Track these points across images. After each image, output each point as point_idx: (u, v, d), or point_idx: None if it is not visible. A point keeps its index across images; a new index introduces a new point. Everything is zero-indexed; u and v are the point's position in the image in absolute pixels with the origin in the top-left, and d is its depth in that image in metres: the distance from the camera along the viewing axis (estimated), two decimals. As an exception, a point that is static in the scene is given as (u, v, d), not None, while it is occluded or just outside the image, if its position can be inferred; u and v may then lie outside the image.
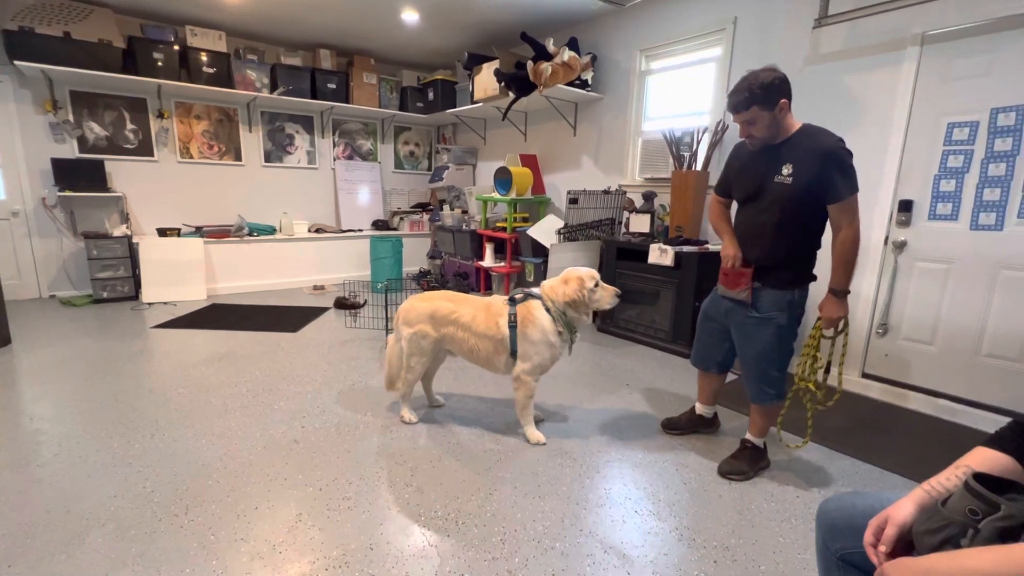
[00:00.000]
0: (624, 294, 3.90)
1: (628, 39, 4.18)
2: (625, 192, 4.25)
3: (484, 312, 2.21)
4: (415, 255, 6.22)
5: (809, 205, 1.80)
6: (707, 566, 1.54)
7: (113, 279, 4.54)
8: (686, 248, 3.32)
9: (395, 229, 6.26)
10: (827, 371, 1.98)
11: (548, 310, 2.15)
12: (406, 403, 2.43)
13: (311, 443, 2.19)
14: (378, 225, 6.16)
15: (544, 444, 2.24)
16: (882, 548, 0.84)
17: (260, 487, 1.86)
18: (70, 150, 4.53)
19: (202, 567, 1.47)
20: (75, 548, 1.53)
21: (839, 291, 1.82)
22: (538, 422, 2.43)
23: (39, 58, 3.99)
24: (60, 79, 4.35)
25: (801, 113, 3.11)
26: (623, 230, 4.12)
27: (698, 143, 3.55)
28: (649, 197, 3.86)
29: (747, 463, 2.04)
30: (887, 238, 2.85)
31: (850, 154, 1.72)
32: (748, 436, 2.09)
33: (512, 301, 2.20)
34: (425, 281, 5.31)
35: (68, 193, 4.36)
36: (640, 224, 3.85)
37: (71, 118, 4.49)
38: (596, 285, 2.20)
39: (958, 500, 0.78)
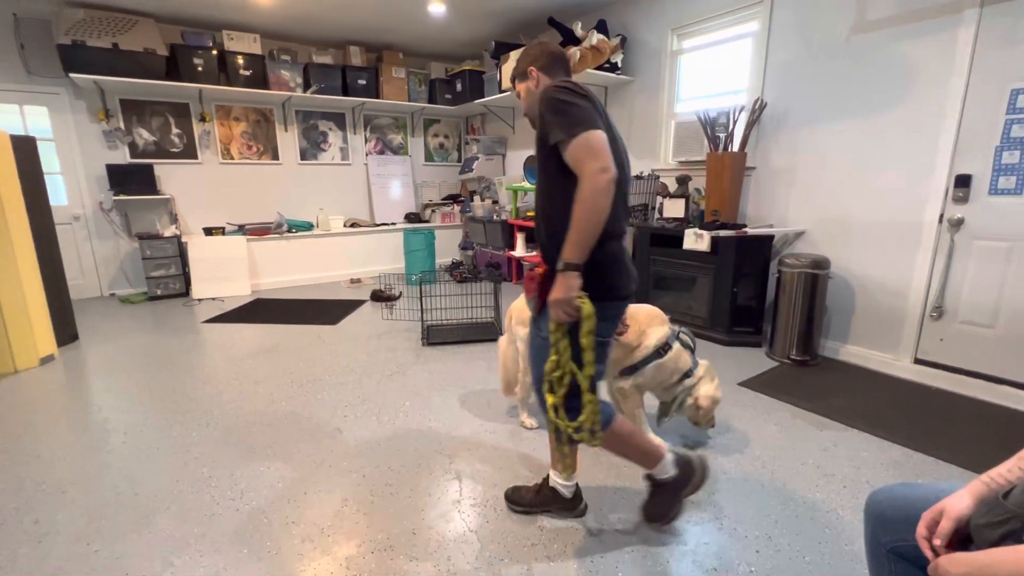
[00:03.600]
0: (658, 281, 3.85)
1: (659, 18, 4.06)
2: (658, 177, 4.16)
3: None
4: (447, 246, 6.29)
5: (554, 173, 1.34)
6: (749, 556, 1.52)
7: (165, 277, 4.79)
8: (723, 232, 3.23)
9: (427, 221, 6.34)
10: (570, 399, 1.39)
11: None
12: (525, 408, 2.32)
13: (353, 432, 2.27)
14: (410, 218, 6.25)
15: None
16: (937, 541, 0.81)
17: (307, 473, 1.95)
18: (122, 156, 4.78)
19: (258, 548, 1.56)
20: (144, 528, 1.65)
21: (564, 264, 1.28)
22: None
23: (91, 69, 4.21)
24: (111, 88, 4.59)
25: (846, 86, 2.97)
26: (656, 216, 4.03)
27: (734, 123, 3.42)
28: (683, 181, 3.76)
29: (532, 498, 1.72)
30: (942, 216, 2.69)
31: (564, 91, 1.29)
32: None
33: (675, 335, 2.01)
34: (458, 272, 5.37)
35: (122, 197, 4.61)
36: (674, 209, 3.77)
37: (122, 125, 4.73)
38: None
39: (1022, 493, 0.74)
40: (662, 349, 1.96)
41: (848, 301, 3.11)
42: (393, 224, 6.06)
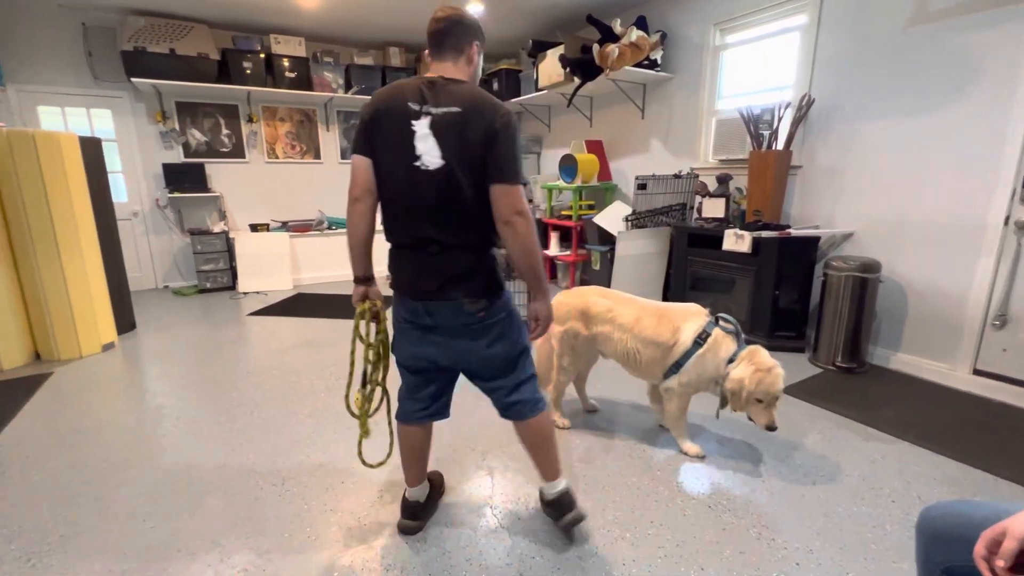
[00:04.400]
0: (696, 282, 3.77)
1: (701, 13, 3.96)
2: (697, 175, 4.06)
3: (655, 318, 1.99)
4: (481, 245, 6.33)
5: None
6: (787, 567, 1.47)
7: (214, 271, 5.03)
8: (765, 233, 3.12)
9: (462, 220, 6.40)
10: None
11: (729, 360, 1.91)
12: (557, 407, 2.30)
13: (386, 425, 2.31)
14: (445, 216, 6.32)
15: (704, 457, 2.05)
16: (1000, 563, 0.76)
17: (345, 463, 2.01)
18: (177, 155, 5.05)
19: (298, 533, 1.62)
20: (194, 508, 1.75)
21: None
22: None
23: (150, 74, 4.46)
24: (167, 92, 4.85)
25: (902, 80, 2.82)
26: (695, 215, 3.95)
27: (779, 120, 3.30)
28: (724, 180, 3.66)
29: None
30: (1008, 218, 2.51)
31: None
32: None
33: (716, 321, 1.96)
34: (491, 270, 5.40)
35: (176, 194, 4.87)
36: (714, 209, 3.67)
37: (177, 126, 5.00)
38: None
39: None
40: (699, 339, 1.92)
41: (900, 307, 2.96)
42: (428, 222, 6.15)
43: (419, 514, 1.64)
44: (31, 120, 4.47)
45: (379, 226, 1.39)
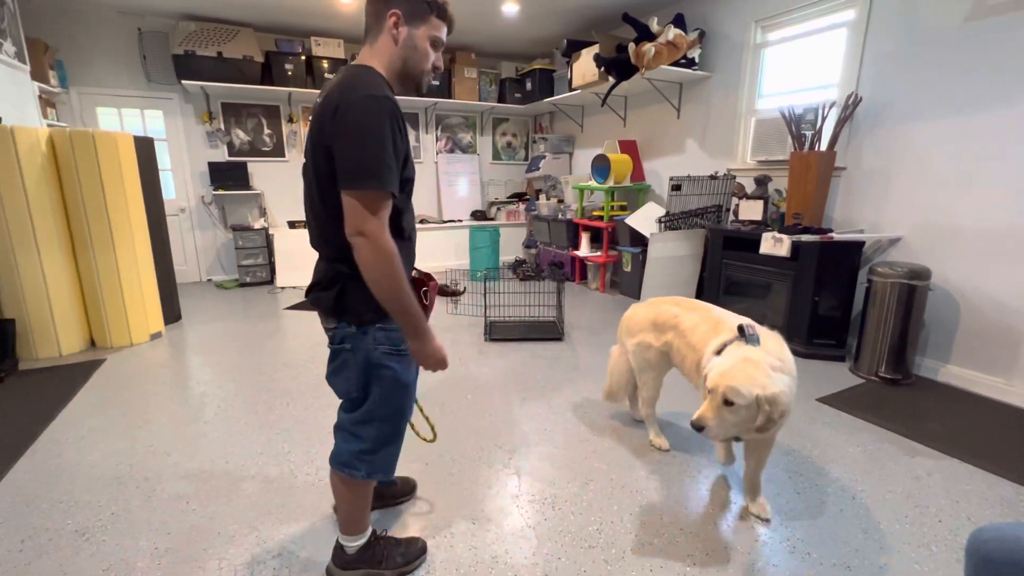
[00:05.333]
0: (730, 286, 3.67)
1: (741, 10, 3.85)
2: (734, 177, 3.96)
3: (709, 324, 1.80)
4: (511, 244, 6.35)
5: None
6: (824, 584, 1.42)
7: (254, 266, 5.22)
8: (805, 237, 3.02)
9: (492, 219, 6.44)
10: None
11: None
12: (652, 425, 2.16)
13: (416, 420, 2.35)
14: (476, 215, 6.38)
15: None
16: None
17: (375, 456, 2.05)
18: (221, 154, 5.26)
19: (330, 523, 1.67)
20: (233, 493, 1.82)
21: None
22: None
23: (199, 76, 4.66)
24: (214, 93, 5.06)
25: (958, 78, 2.68)
26: (731, 218, 3.85)
27: (823, 120, 3.19)
28: (762, 181, 3.56)
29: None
30: (1075, 224, 2.35)
31: None
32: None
33: (740, 330, 1.63)
34: (521, 270, 5.41)
35: (220, 191, 5.08)
36: (751, 211, 3.57)
37: (222, 126, 5.21)
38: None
39: None
40: (719, 351, 1.70)
41: (951, 317, 2.81)
42: (459, 221, 6.21)
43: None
44: (91, 120, 4.74)
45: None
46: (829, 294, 3.10)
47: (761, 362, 1.48)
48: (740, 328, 1.62)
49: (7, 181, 2.90)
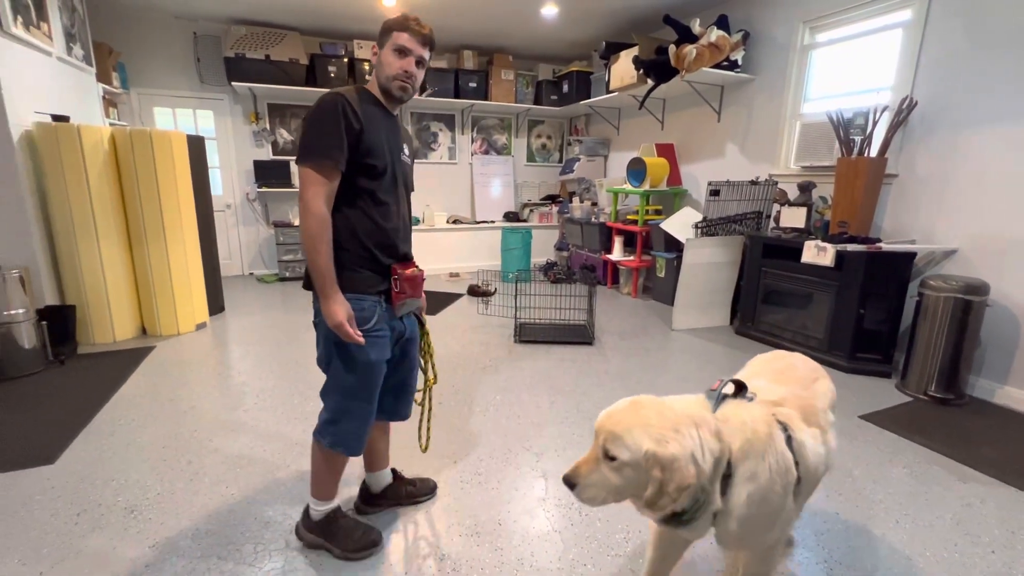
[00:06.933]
0: (769, 295, 3.56)
1: (789, 11, 3.73)
2: (776, 182, 3.84)
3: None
4: (543, 246, 6.34)
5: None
6: (863, 610, 1.36)
7: (293, 261, 5.40)
8: (851, 246, 2.90)
9: (525, 221, 6.45)
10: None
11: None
12: None
13: (446, 419, 2.39)
14: (509, 217, 6.40)
15: None
16: None
17: (406, 454, 2.09)
18: (266, 153, 5.47)
19: (359, 517, 1.71)
20: (268, 480, 1.89)
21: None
22: None
23: (248, 78, 4.86)
24: (262, 94, 5.26)
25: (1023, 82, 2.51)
26: (772, 224, 3.73)
27: (874, 124, 3.05)
28: (806, 188, 3.44)
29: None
30: None
31: None
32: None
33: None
34: (552, 273, 5.40)
35: (264, 189, 5.28)
36: (794, 218, 3.45)
37: (267, 126, 5.41)
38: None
39: None
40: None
41: (1011, 335, 2.64)
42: (492, 222, 6.25)
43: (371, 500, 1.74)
44: (148, 120, 5.01)
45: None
46: (876, 307, 2.96)
47: (678, 410, 1.01)
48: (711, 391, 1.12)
49: (73, 176, 3.09)
